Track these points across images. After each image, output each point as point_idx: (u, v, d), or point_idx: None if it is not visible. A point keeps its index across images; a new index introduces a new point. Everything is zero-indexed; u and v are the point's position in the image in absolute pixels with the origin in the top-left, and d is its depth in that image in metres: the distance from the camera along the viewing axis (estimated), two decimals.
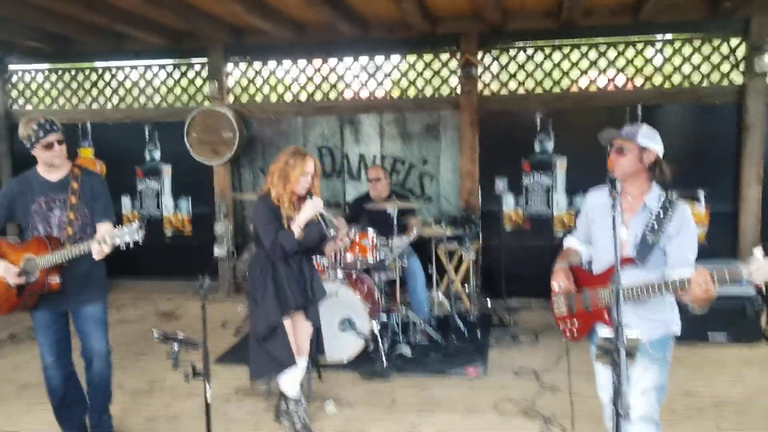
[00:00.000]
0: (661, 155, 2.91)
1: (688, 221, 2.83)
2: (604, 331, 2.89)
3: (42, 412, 4.48)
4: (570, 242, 3.34)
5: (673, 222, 2.81)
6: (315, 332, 4.16)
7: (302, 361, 4.12)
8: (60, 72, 7.97)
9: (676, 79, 6.69)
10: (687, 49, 6.62)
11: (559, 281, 3.06)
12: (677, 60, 6.67)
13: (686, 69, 6.64)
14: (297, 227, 3.78)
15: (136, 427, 4.30)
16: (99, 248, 3.38)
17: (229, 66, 7.56)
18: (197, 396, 4.29)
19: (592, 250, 3.13)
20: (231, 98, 7.63)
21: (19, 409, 4.63)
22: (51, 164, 3.71)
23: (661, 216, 2.83)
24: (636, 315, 2.82)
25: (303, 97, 7.52)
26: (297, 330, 4.04)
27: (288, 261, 3.92)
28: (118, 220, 7.75)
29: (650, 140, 2.89)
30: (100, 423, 4.00)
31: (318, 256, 4.50)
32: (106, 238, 3.37)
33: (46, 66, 7.98)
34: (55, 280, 3.60)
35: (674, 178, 2.97)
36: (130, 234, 3.37)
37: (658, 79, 6.73)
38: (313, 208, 3.81)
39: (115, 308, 7.20)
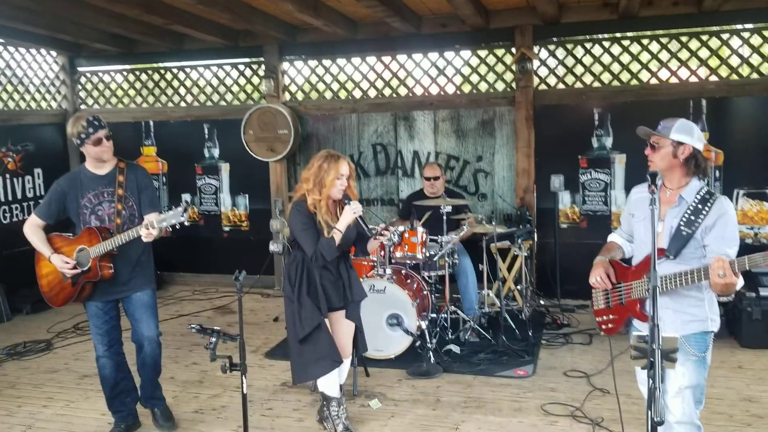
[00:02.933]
0: (699, 148, 2.82)
1: (727, 214, 2.74)
2: (639, 327, 2.80)
3: (99, 399, 4.64)
4: (613, 237, 3.29)
5: (710, 215, 2.72)
6: (356, 331, 4.09)
7: (345, 362, 4.06)
8: (125, 73, 8.27)
9: (745, 70, 6.36)
10: (756, 39, 6.28)
11: (597, 275, 3.01)
12: (745, 50, 6.34)
13: (755, 60, 6.30)
14: (338, 234, 3.71)
15: (185, 416, 4.42)
16: (147, 232, 3.57)
17: (285, 64, 7.67)
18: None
19: (633, 242, 3.09)
20: (287, 96, 7.73)
21: (78, 397, 4.83)
22: (100, 159, 3.89)
23: (699, 208, 2.75)
24: (671, 309, 2.77)
25: (357, 94, 7.55)
26: (337, 330, 3.98)
27: (330, 263, 3.86)
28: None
29: (685, 134, 2.79)
30: (153, 395, 4.23)
31: (365, 254, 4.33)
32: (153, 222, 3.55)
33: (112, 67, 8.29)
34: (107, 267, 3.80)
35: (742, 174, 2.88)
36: (175, 216, 3.53)
37: (724, 71, 6.41)
38: (352, 213, 3.72)
39: (175, 301, 7.43)
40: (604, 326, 3.09)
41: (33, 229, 3.93)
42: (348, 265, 4.02)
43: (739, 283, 2.53)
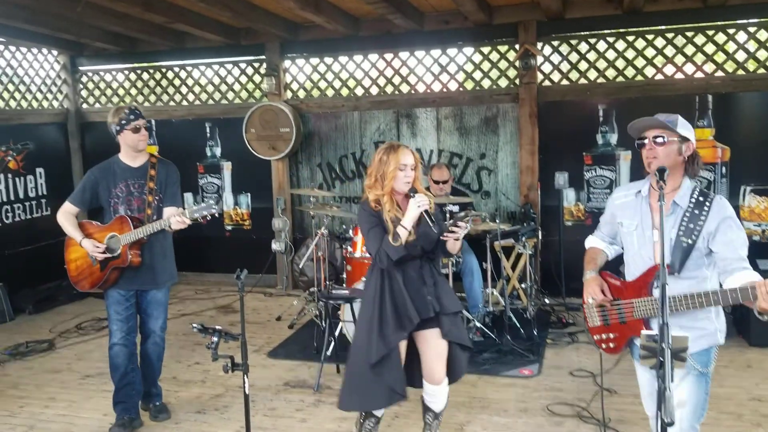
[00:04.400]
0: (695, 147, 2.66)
1: (728, 214, 2.57)
2: (650, 326, 2.71)
3: (101, 399, 4.66)
4: (592, 242, 3.10)
5: (709, 219, 2.56)
6: (452, 352, 3.54)
7: (431, 388, 3.56)
8: (126, 72, 8.23)
9: (751, 65, 6.30)
10: (762, 34, 6.21)
11: (593, 295, 2.81)
12: (751, 46, 6.28)
13: (761, 55, 6.23)
14: (403, 231, 3.30)
15: (187, 416, 4.39)
16: (179, 219, 3.77)
17: (286, 62, 7.63)
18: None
19: (624, 253, 2.90)
20: (288, 94, 7.69)
21: (80, 397, 4.80)
22: (136, 148, 4.07)
23: (696, 214, 2.58)
24: (677, 325, 2.51)
25: (359, 91, 7.50)
26: (425, 351, 3.50)
27: (405, 268, 3.43)
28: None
29: (689, 131, 2.64)
30: (150, 392, 4.37)
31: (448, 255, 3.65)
32: (186, 213, 3.76)
33: (113, 66, 8.25)
34: (136, 255, 3.99)
35: (748, 171, 2.75)
36: (207, 209, 3.74)
37: (730, 66, 6.35)
38: (416, 206, 3.28)
39: (177, 300, 7.40)
40: (604, 345, 2.87)
41: (66, 216, 4.11)
42: (435, 271, 3.53)
43: None
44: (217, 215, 3.76)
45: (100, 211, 4.18)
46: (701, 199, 2.61)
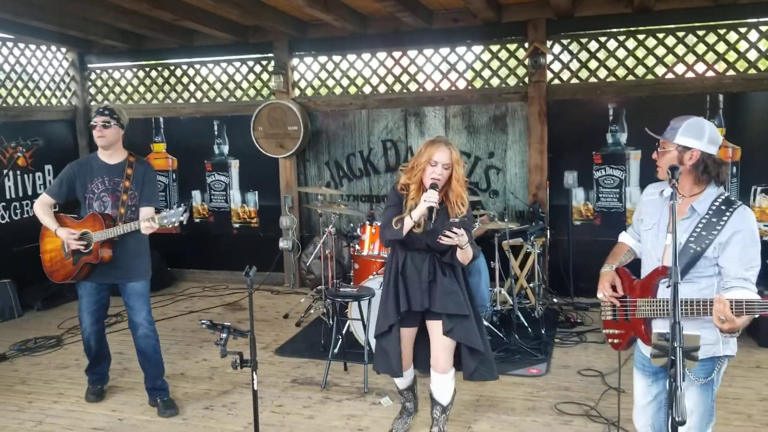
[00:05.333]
0: (711, 152, 2.55)
1: (745, 229, 2.47)
2: (643, 349, 2.67)
3: (109, 395, 4.68)
4: (624, 237, 3.08)
5: (725, 229, 2.48)
6: (461, 350, 3.64)
7: (437, 376, 3.70)
8: (135, 69, 8.24)
9: (763, 64, 6.25)
10: None
11: (604, 290, 2.80)
12: (763, 44, 6.23)
13: None
14: (408, 221, 3.40)
15: (195, 412, 4.39)
16: (148, 224, 3.88)
17: (294, 60, 7.62)
18: None
19: (642, 250, 2.87)
20: (296, 92, 7.68)
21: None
22: (99, 145, 4.19)
23: (713, 222, 2.50)
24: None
25: (367, 90, 7.49)
26: (432, 339, 3.66)
27: (412, 258, 3.56)
28: (189, 213, 8.03)
29: (693, 137, 2.54)
30: (155, 386, 4.46)
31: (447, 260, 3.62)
32: (155, 219, 3.86)
33: (121, 64, 8.27)
34: (107, 253, 4.11)
35: (760, 171, 2.66)
36: (176, 215, 3.81)
37: (741, 65, 6.30)
38: (423, 201, 3.33)
39: (185, 298, 7.41)
40: (610, 340, 2.87)
41: (42, 206, 4.24)
42: (441, 271, 3.55)
43: (748, 318, 2.31)
44: (184, 222, 3.87)
45: (78, 204, 4.33)
46: (723, 207, 2.53)
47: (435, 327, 3.62)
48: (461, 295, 3.58)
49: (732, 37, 6.24)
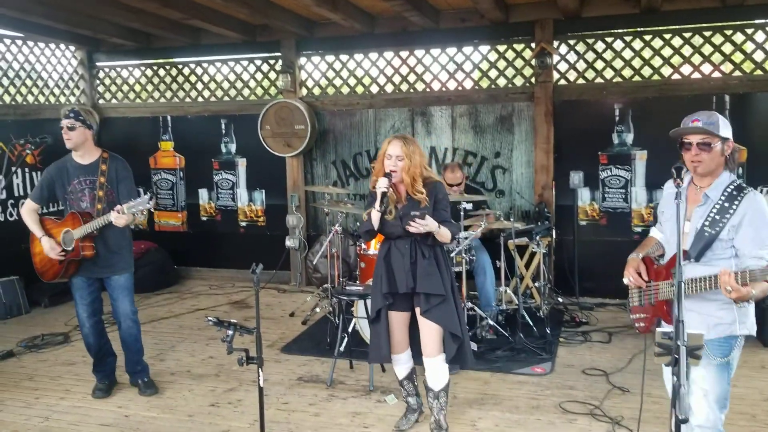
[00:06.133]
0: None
1: (757, 210, 2.61)
2: (664, 327, 2.72)
3: (115, 391, 4.71)
4: (653, 231, 3.19)
5: (737, 212, 2.61)
6: (451, 337, 3.74)
7: (426, 360, 3.78)
8: (143, 68, 8.29)
9: None
10: None
11: (629, 275, 2.94)
12: None
13: None
14: (374, 212, 3.65)
15: (201, 409, 4.41)
16: (117, 215, 4.02)
17: (302, 59, 7.65)
18: None
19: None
20: (303, 91, 7.71)
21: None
22: (67, 147, 4.33)
23: (726, 207, 2.63)
24: (697, 312, 2.67)
25: (374, 89, 7.51)
26: (419, 324, 3.77)
27: (396, 244, 3.72)
28: (196, 211, 8.08)
29: (727, 128, 2.69)
30: (135, 370, 4.70)
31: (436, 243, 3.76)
32: (123, 208, 4.01)
33: (130, 62, 8.32)
34: (89, 248, 4.27)
35: (766, 171, 2.76)
36: (142, 203, 3.99)
37: (748, 66, 6.30)
38: (376, 189, 3.63)
39: (192, 296, 7.44)
40: (637, 324, 3.04)
41: (28, 212, 4.40)
42: (422, 252, 3.67)
43: (760, 288, 2.43)
44: (152, 210, 4.02)
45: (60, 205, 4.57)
46: (735, 193, 2.66)
47: (418, 312, 3.79)
48: (439, 277, 3.70)
49: (738, 38, 6.24)
